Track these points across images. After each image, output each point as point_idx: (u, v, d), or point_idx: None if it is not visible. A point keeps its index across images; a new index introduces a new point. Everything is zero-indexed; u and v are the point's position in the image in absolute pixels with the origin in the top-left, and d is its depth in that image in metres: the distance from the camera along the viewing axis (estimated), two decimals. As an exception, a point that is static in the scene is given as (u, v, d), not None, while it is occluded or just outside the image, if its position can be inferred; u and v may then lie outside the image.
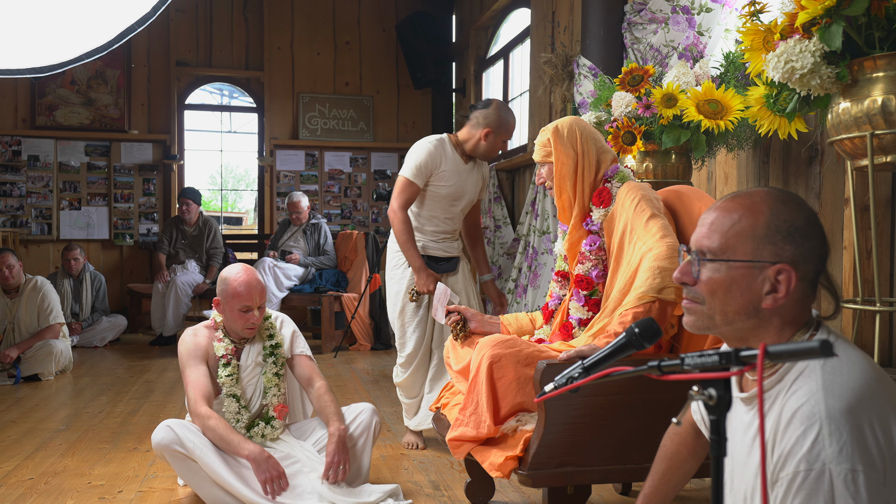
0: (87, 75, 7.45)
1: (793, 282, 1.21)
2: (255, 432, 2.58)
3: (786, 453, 1.14)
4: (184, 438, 2.39)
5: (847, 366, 1.17)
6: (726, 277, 1.26)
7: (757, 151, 3.10)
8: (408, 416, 3.27)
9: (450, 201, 3.20)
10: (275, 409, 2.62)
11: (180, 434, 2.40)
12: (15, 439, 3.36)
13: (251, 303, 2.55)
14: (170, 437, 2.39)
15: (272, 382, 2.63)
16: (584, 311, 2.23)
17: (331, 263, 6.41)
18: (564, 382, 1.38)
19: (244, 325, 2.57)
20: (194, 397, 2.48)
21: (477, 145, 3.16)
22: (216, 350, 2.60)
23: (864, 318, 2.45)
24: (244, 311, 2.55)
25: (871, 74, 1.95)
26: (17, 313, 4.96)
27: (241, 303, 2.54)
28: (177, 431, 2.40)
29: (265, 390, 2.63)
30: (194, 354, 2.57)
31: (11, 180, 7.29)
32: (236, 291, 2.53)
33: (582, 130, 2.28)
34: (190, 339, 2.61)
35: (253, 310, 2.56)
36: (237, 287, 2.54)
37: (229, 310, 2.56)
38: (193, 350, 2.58)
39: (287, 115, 7.85)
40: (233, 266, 2.62)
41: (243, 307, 2.54)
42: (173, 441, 2.38)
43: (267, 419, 2.62)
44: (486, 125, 3.12)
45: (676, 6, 3.48)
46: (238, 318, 2.56)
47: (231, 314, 2.56)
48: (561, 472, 1.97)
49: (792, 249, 1.22)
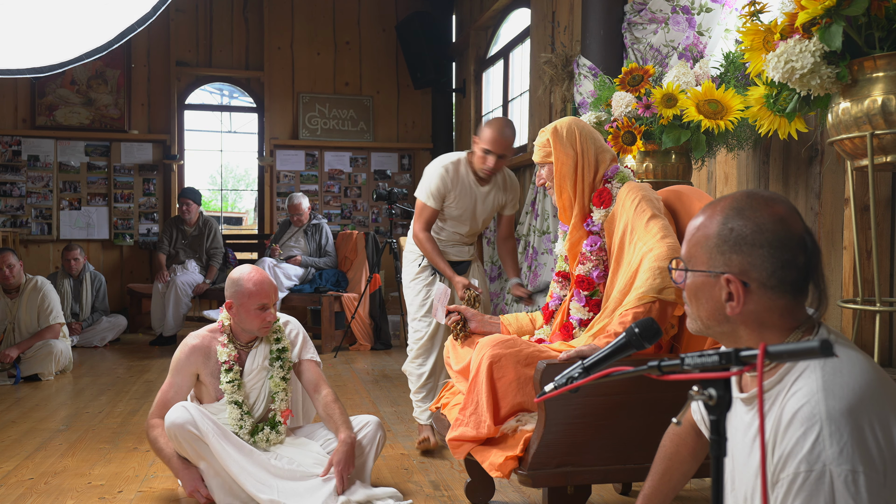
0: (87, 75, 7.45)
1: (740, 291, 1.24)
2: (260, 438, 2.56)
3: (786, 454, 1.14)
4: (198, 420, 2.39)
5: (847, 366, 1.17)
6: (692, 285, 1.32)
7: (757, 151, 3.10)
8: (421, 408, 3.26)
9: (460, 221, 3.23)
10: (281, 413, 2.61)
11: (195, 415, 2.40)
12: (15, 439, 3.36)
13: (267, 300, 2.55)
14: (185, 416, 2.39)
15: (279, 387, 2.61)
16: (584, 311, 2.23)
17: (332, 264, 6.41)
18: (564, 382, 1.38)
19: (261, 323, 2.55)
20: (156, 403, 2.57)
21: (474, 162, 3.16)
22: (219, 355, 2.58)
23: (864, 318, 2.45)
24: (261, 309, 2.54)
25: (871, 74, 1.95)
26: (18, 313, 4.96)
27: (257, 301, 2.53)
28: (192, 412, 2.41)
29: (272, 395, 2.61)
30: (181, 365, 2.60)
31: (11, 180, 7.29)
32: (251, 291, 2.53)
33: (581, 130, 2.29)
34: (184, 345, 2.62)
35: (269, 307, 2.56)
36: (252, 286, 2.53)
37: (244, 311, 2.54)
38: (183, 360, 2.60)
39: (287, 115, 7.85)
40: (241, 267, 2.63)
41: (260, 305, 2.53)
42: (188, 421, 2.38)
43: (273, 424, 2.60)
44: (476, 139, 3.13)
45: (676, 6, 3.48)
46: (255, 318, 2.54)
47: (247, 314, 2.54)
48: (561, 472, 1.97)
49: (739, 259, 1.25)
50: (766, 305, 1.24)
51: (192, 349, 2.60)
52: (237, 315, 2.57)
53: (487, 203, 3.22)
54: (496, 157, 3.05)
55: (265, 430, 2.57)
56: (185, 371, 2.59)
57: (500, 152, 3.06)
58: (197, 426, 2.39)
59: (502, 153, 3.06)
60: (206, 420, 2.42)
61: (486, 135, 3.05)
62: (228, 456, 2.40)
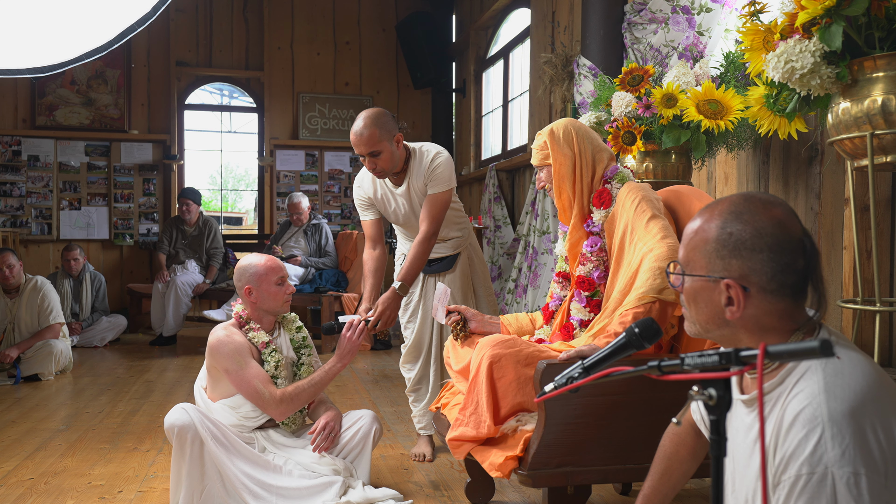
0: (87, 75, 7.45)
1: (740, 296, 1.23)
2: (288, 421, 2.61)
3: (788, 456, 1.13)
4: (198, 423, 2.39)
5: (849, 368, 1.17)
6: (691, 289, 1.31)
7: (757, 151, 3.10)
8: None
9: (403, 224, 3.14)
10: None
11: (195, 417, 2.40)
12: (15, 439, 3.36)
13: (283, 272, 2.62)
14: (184, 418, 2.39)
15: (308, 372, 2.66)
16: (585, 311, 2.23)
17: (332, 264, 6.41)
18: (564, 382, 1.38)
19: (283, 297, 2.61)
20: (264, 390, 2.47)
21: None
22: (256, 339, 2.59)
23: (864, 318, 2.45)
24: (280, 283, 2.60)
25: (871, 74, 1.95)
26: (18, 313, 4.96)
27: (275, 275, 2.59)
28: (192, 415, 2.40)
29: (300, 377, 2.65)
30: (241, 352, 2.51)
31: (11, 180, 7.29)
32: (267, 266, 2.60)
33: (577, 130, 2.29)
34: (227, 339, 2.53)
35: (286, 280, 2.63)
36: (264, 264, 2.60)
37: (265, 289, 2.58)
38: (239, 348, 2.52)
39: (287, 115, 7.85)
40: (244, 257, 2.67)
41: (278, 279, 2.59)
42: (187, 423, 2.38)
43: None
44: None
45: (676, 6, 3.48)
46: (276, 293, 2.59)
47: (268, 292, 2.58)
48: (561, 472, 1.97)
49: (739, 264, 1.24)
50: (766, 309, 1.24)
51: (230, 335, 2.55)
52: (259, 297, 2.59)
53: (414, 196, 3.01)
54: (368, 156, 2.81)
55: (294, 414, 2.61)
56: (247, 352, 2.53)
57: (363, 152, 2.81)
58: (196, 429, 2.38)
59: (368, 151, 2.79)
60: (207, 423, 2.41)
61: (351, 141, 2.86)
62: (227, 461, 2.39)
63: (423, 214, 2.92)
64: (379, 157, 2.81)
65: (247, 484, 2.40)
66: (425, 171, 2.92)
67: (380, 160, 2.81)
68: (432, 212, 2.90)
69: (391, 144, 2.83)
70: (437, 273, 3.19)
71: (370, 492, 2.50)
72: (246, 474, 2.40)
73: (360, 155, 2.83)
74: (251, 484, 2.40)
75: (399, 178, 2.97)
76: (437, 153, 2.94)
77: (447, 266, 3.19)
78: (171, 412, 2.42)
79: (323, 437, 2.51)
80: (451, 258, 3.20)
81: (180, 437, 2.37)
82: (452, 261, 3.19)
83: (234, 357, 2.49)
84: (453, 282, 3.20)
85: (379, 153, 2.80)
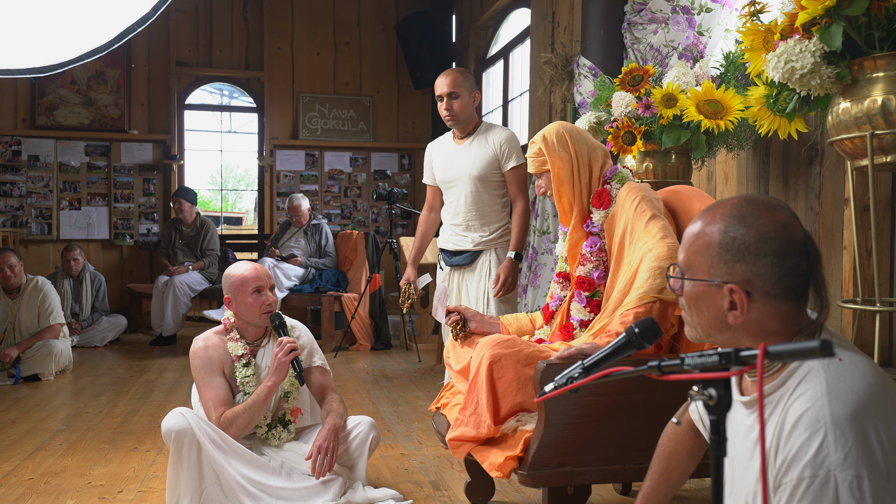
0: (87, 75, 7.45)
1: (744, 301, 1.22)
2: (273, 435, 2.56)
3: (790, 458, 1.13)
4: (195, 427, 2.37)
5: (851, 370, 1.16)
6: (692, 293, 1.29)
7: (757, 151, 3.10)
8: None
9: (450, 189, 3.27)
10: (290, 412, 2.60)
11: (192, 422, 2.37)
12: (15, 439, 3.36)
13: (261, 283, 2.52)
14: (181, 423, 2.36)
15: (294, 386, 2.58)
16: (585, 312, 2.23)
17: (332, 264, 6.41)
18: (564, 382, 1.38)
19: (260, 308, 2.52)
20: (212, 412, 2.45)
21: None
22: (233, 350, 2.54)
23: (864, 318, 2.45)
24: (257, 292, 2.52)
25: (871, 74, 1.95)
26: (18, 313, 4.96)
27: (251, 285, 2.51)
28: (189, 419, 2.38)
29: (285, 394, 2.58)
30: (208, 368, 2.51)
31: (11, 180, 7.29)
32: (243, 276, 2.52)
33: (570, 132, 2.29)
34: (201, 351, 2.53)
35: (265, 290, 2.53)
36: (242, 272, 2.53)
37: (242, 300, 2.52)
38: (207, 363, 2.51)
39: (287, 115, 7.85)
40: (234, 265, 2.62)
41: (254, 289, 2.51)
42: (184, 427, 2.35)
43: (284, 422, 2.59)
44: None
45: (676, 6, 3.48)
46: (253, 304, 2.51)
47: (244, 303, 2.52)
48: (561, 472, 1.97)
49: (742, 269, 1.23)
50: (768, 313, 1.23)
51: (205, 347, 2.55)
52: (237, 307, 2.55)
53: (469, 157, 3.16)
54: (446, 97, 3.11)
55: (277, 428, 2.57)
56: (215, 368, 2.52)
57: (444, 91, 3.11)
58: (193, 432, 2.36)
59: (449, 91, 3.11)
60: (204, 426, 2.39)
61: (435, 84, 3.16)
62: (225, 463, 2.37)
63: (512, 192, 3.21)
64: (456, 100, 3.11)
65: (245, 486, 2.37)
66: (495, 140, 3.17)
67: (456, 103, 3.11)
68: (519, 186, 3.21)
69: (468, 96, 3.15)
70: (456, 267, 3.18)
71: (370, 492, 2.50)
72: (244, 476, 2.38)
73: (439, 98, 3.12)
74: (249, 486, 2.38)
75: (465, 137, 3.23)
76: (509, 130, 3.23)
77: (465, 261, 3.20)
78: (168, 417, 2.39)
79: (320, 461, 2.40)
80: (470, 254, 3.21)
81: (178, 442, 2.35)
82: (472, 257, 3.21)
83: (199, 372, 2.51)
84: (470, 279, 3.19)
85: (457, 96, 3.11)
